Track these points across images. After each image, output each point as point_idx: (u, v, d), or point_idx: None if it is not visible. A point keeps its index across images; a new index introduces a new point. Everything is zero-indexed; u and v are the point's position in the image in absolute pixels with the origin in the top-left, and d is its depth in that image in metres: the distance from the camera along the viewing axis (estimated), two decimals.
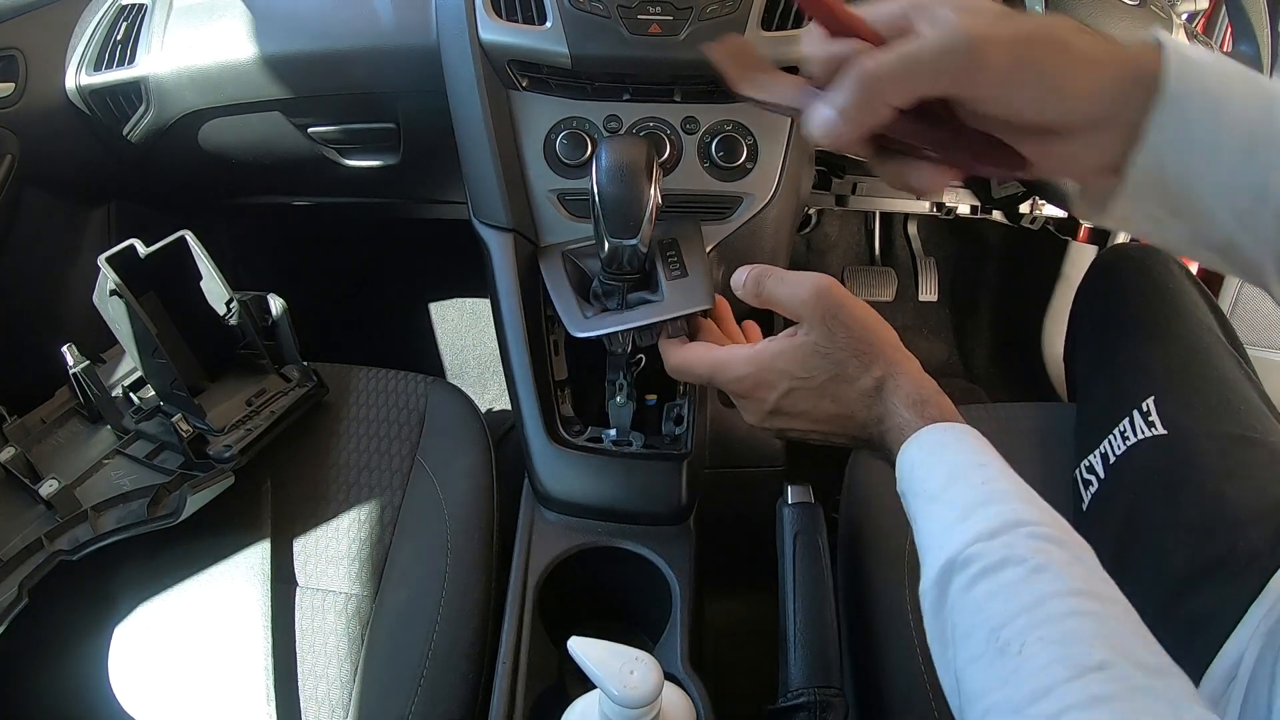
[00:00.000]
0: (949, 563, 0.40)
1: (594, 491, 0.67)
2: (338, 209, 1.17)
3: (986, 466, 0.43)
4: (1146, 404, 0.66)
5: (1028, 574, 0.37)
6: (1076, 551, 0.39)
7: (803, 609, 0.57)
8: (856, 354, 0.49)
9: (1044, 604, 0.36)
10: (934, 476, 0.44)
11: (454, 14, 0.71)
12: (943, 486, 0.43)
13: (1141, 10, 0.69)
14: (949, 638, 0.40)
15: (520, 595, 0.62)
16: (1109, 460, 0.67)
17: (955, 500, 0.42)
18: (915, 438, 0.46)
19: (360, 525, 0.72)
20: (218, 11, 0.82)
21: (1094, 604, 0.36)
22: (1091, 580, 0.38)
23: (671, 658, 0.59)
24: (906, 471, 0.46)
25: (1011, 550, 0.38)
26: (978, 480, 0.42)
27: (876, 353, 0.49)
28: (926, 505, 0.44)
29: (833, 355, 0.49)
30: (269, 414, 0.75)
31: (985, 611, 0.38)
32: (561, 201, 0.72)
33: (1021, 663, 0.35)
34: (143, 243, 0.70)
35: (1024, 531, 0.39)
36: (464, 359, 1.37)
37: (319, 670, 0.65)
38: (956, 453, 0.44)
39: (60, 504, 0.66)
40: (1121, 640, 0.35)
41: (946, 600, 0.40)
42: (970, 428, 0.46)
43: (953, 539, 0.40)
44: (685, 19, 0.67)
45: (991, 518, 0.40)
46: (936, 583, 0.40)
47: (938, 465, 0.44)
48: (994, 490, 0.42)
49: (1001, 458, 0.45)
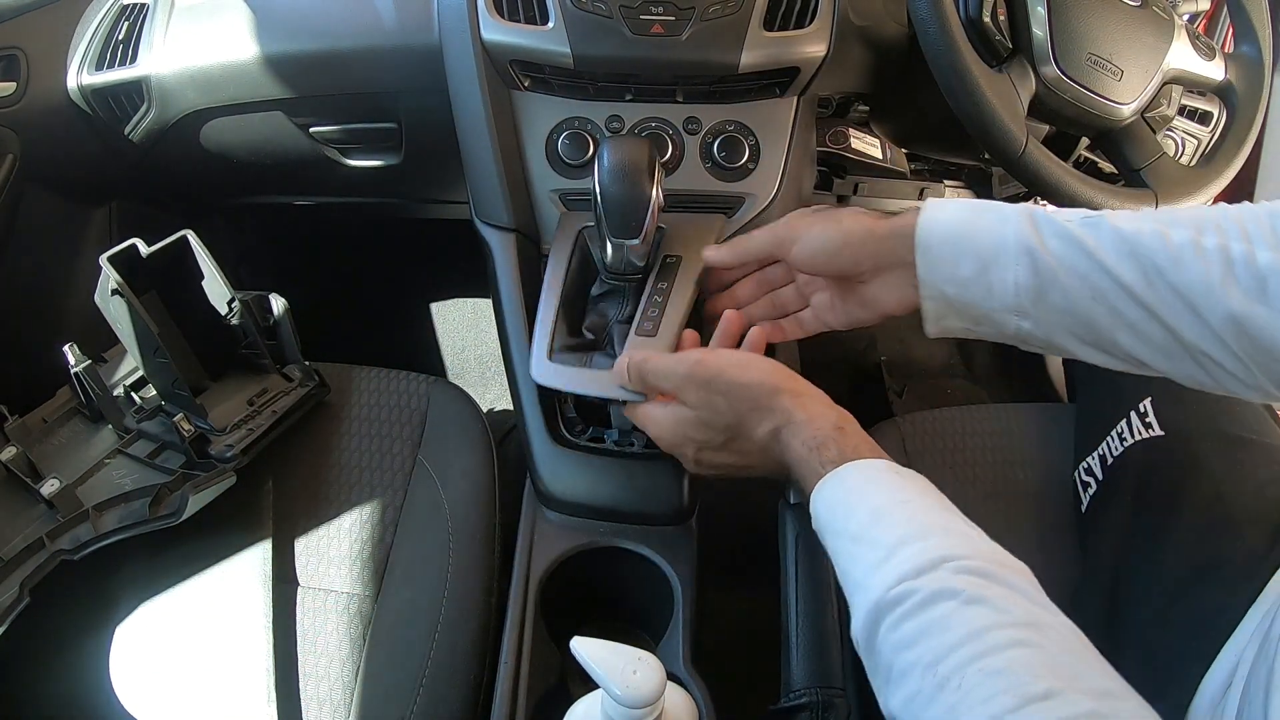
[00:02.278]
0: (876, 604, 0.40)
1: (596, 491, 0.67)
2: (339, 209, 1.17)
3: (909, 504, 0.44)
4: (1144, 405, 0.66)
5: (961, 606, 0.37)
6: (1012, 581, 0.39)
7: (805, 609, 0.57)
8: (743, 415, 0.51)
9: (982, 636, 0.36)
10: (854, 516, 0.44)
11: (456, 14, 0.71)
12: (864, 526, 0.43)
13: (1143, 10, 0.69)
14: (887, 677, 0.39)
15: (522, 595, 0.62)
16: (1107, 462, 0.67)
17: (878, 539, 0.42)
18: (831, 477, 0.46)
19: (362, 525, 0.72)
20: (219, 11, 0.82)
21: (1034, 634, 0.36)
22: (1030, 610, 0.38)
23: (674, 658, 0.59)
24: (823, 513, 0.46)
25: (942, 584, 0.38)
26: (902, 517, 0.43)
27: (764, 407, 0.50)
28: (850, 545, 0.44)
29: (721, 420, 0.51)
30: (270, 414, 0.75)
31: (920, 647, 0.37)
32: (563, 201, 0.72)
33: (963, 696, 0.35)
34: (144, 242, 0.70)
35: (950, 567, 0.39)
36: (466, 359, 1.37)
37: (320, 670, 0.65)
38: (876, 490, 0.45)
39: (62, 503, 0.66)
40: (1066, 667, 0.35)
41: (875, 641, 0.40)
42: (886, 462, 0.46)
43: (879, 579, 0.40)
44: (688, 19, 0.67)
45: (916, 554, 0.40)
46: (865, 624, 0.40)
47: (857, 505, 0.44)
48: (917, 526, 0.42)
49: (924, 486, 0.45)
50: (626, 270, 0.63)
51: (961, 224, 0.51)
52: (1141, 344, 0.48)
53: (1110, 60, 0.67)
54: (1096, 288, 0.48)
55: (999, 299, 0.50)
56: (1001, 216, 0.50)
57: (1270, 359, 0.45)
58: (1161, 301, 0.46)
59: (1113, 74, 0.67)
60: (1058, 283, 0.48)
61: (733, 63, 0.68)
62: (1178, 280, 0.46)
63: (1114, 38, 0.67)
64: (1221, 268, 0.45)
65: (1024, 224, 0.49)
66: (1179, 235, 0.47)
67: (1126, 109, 0.68)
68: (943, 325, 0.54)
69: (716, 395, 0.51)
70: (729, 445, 0.53)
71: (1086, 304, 0.48)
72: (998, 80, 0.65)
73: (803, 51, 0.69)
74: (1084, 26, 0.67)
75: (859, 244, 0.54)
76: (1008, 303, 0.50)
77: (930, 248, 0.51)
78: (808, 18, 0.70)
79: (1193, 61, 0.70)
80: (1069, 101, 0.67)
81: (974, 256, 0.50)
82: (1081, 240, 0.48)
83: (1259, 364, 0.46)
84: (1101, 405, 0.72)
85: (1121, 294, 0.47)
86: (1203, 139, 0.81)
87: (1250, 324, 0.44)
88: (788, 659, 0.56)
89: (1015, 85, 0.66)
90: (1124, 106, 0.68)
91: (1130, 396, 0.68)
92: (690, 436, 0.54)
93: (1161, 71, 0.69)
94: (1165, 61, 0.69)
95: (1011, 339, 0.52)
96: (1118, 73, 0.67)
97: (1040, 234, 0.49)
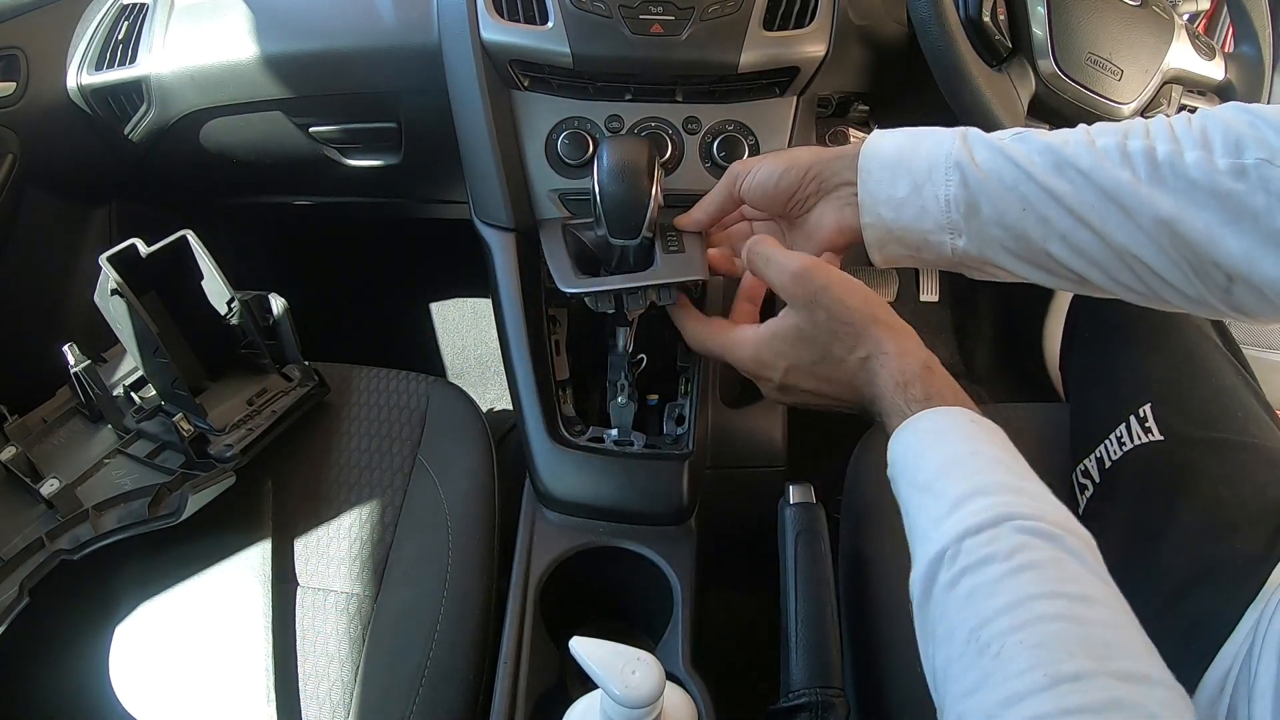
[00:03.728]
0: (935, 557, 0.39)
1: (595, 491, 0.67)
2: (339, 209, 1.17)
3: (979, 455, 0.43)
4: (1144, 410, 0.66)
5: (1011, 572, 0.37)
6: (1069, 545, 0.38)
7: (804, 609, 0.57)
8: (838, 335, 0.49)
9: (1026, 605, 0.36)
10: (925, 465, 0.43)
11: (455, 13, 0.71)
12: (933, 476, 0.43)
13: (1143, 10, 0.69)
14: (931, 633, 0.39)
15: (521, 595, 0.62)
16: (1104, 465, 0.67)
17: (945, 491, 0.41)
18: (907, 424, 0.45)
19: (361, 525, 0.72)
20: (219, 11, 0.82)
21: (1080, 607, 0.36)
22: (1080, 580, 0.37)
23: (673, 658, 0.59)
24: (898, 459, 0.45)
25: (996, 546, 0.38)
26: (970, 470, 0.42)
27: (858, 332, 0.48)
28: (918, 495, 0.43)
29: (817, 338, 0.50)
30: (270, 413, 0.75)
31: (967, 610, 0.37)
32: (563, 201, 0.72)
33: (999, 665, 0.35)
34: (144, 242, 0.70)
35: (1011, 526, 0.38)
36: (465, 359, 1.37)
37: (319, 670, 0.65)
38: (951, 440, 0.44)
39: (61, 503, 0.66)
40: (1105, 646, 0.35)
41: (931, 596, 0.40)
42: (966, 410, 0.45)
43: (940, 533, 0.40)
44: (687, 19, 0.67)
45: (980, 511, 0.39)
46: (923, 577, 0.40)
47: (928, 453, 0.44)
48: (984, 482, 0.41)
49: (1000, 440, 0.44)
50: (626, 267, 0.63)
51: (900, 148, 0.52)
52: (1073, 254, 0.48)
53: (1110, 60, 0.67)
54: (1025, 197, 0.48)
55: (932, 217, 0.50)
56: (937, 139, 0.51)
57: (1205, 263, 0.45)
58: (1088, 205, 0.47)
59: (1112, 74, 0.67)
60: (987, 193, 0.49)
61: (732, 62, 0.68)
62: (1103, 181, 0.46)
63: (1114, 37, 0.67)
64: (1147, 168, 0.45)
65: (956, 142, 0.50)
66: (1104, 140, 0.47)
67: (1126, 109, 0.68)
68: (885, 253, 0.54)
69: (819, 308, 0.49)
70: (817, 368, 0.51)
71: (1016, 214, 0.48)
72: (997, 80, 0.65)
73: (802, 51, 0.69)
74: (1084, 26, 0.67)
75: (804, 166, 0.54)
76: (940, 220, 0.50)
77: (871, 171, 0.52)
78: (807, 17, 0.70)
79: (1193, 61, 0.70)
80: (1069, 101, 0.67)
81: (909, 176, 0.51)
82: (1010, 152, 0.48)
83: (1195, 269, 0.46)
84: (1098, 408, 0.72)
85: (1050, 201, 0.47)
86: None
87: (1181, 225, 0.44)
88: (787, 659, 0.56)
89: (1015, 85, 0.66)
90: (1124, 106, 0.68)
91: (1129, 401, 0.68)
92: (783, 352, 0.51)
93: (1161, 71, 0.69)
94: (1165, 61, 0.69)
95: (951, 264, 0.52)
96: (1117, 72, 0.67)
97: (971, 149, 0.50)
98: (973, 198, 0.49)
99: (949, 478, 0.42)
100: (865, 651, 0.66)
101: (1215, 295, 0.46)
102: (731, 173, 0.58)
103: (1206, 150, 0.45)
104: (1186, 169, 0.45)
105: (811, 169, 0.55)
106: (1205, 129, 0.45)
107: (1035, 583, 0.36)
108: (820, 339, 0.49)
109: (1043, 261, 0.50)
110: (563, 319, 0.75)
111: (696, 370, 0.72)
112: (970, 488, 0.41)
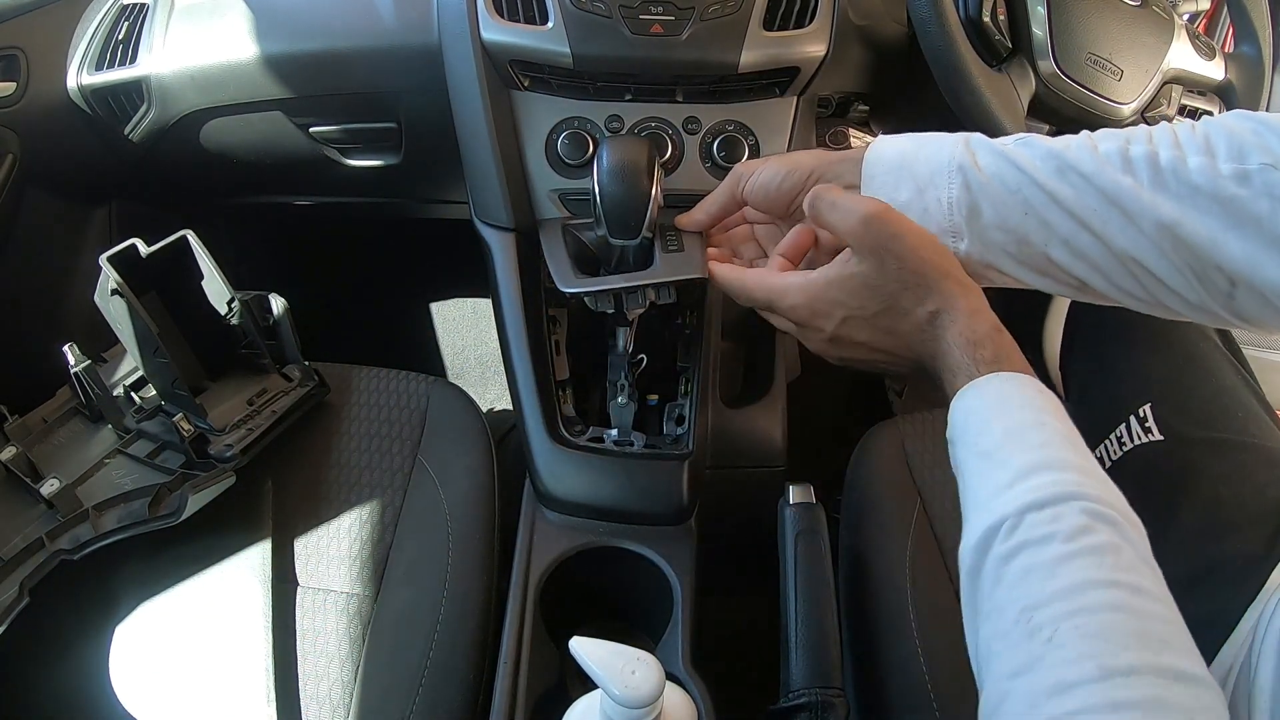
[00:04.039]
0: (992, 528, 0.38)
1: (595, 491, 0.67)
2: (339, 209, 1.17)
3: (1046, 426, 0.41)
4: (1144, 410, 0.66)
5: (1072, 555, 0.36)
6: (1128, 534, 0.37)
7: (804, 609, 0.57)
8: (908, 286, 0.46)
9: (1083, 592, 0.35)
10: (990, 431, 0.42)
11: (455, 13, 0.71)
12: (997, 444, 0.41)
13: (1143, 10, 0.69)
14: (979, 606, 0.38)
15: (521, 595, 0.62)
16: (1104, 465, 0.67)
17: (1009, 461, 0.40)
18: (973, 385, 0.43)
19: (361, 525, 0.72)
20: (219, 11, 0.82)
21: (1135, 599, 0.35)
22: (1137, 570, 0.36)
23: (673, 658, 0.59)
24: (960, 420, 0.43)
25: (1058, 525, 0.37)
26: (1036, 442, 0.40)
27: (930, 285, 0.46)
28: (978, 461, 0.41)
29: (884, 288, 0.47)
30: (270, 414, 0.75)
31: (1021, 588, 0.36)
32: (563, 201, 0.72)
33: (1050, 650, 0.34)
34: (144, 242, 0.70)
35: (1077, 506, 0.37)
36: (465, 359, 1.37)
37: (319, 670, 0.65)
38: (1017, 407, 0.42)
39: (61, 503, 0.66)
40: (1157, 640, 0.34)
41: (983, 567, 0.39)
42: (1033, 379, 0.43)
43: (1001, 503, 0.39)
44: (687, 19, 0.67)
45: (1045, 487, 0.38)
46: (976, 547, 0.39)
47: (994, 419, 0.42)
48: (1051, 456, 0.40)
49: (1064, 414, 0.42)
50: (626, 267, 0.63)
51: (905, 153, 0.51)
52: (1075, 259, 0.48)
53: (1110, 60, 0.67)
54: (1028, 201, 0.48)
55: (935, 220, 0.50)
56: (940, 144, 0.51)
57: (1208, 268, 0.44)
58: (1090, 210, 0.46)
59: (1112, 73, 0.67)
60: (989, 196, 0.48)
61: (732, 62, 0.68)
62: (1105, 185, 0.46)
63: (1114, 37, 0.67)
64: (1149, 173, 0.45)
65: (959, 146, 0.50)
66: (1107, 145, 0.47)
67: (1126, 109, 0.68)
68: None
69: (890, 256, 0.46)
70: (879, 319, 0.48)
71: (1018, 218, 0.48)
72: (997, 80, 0.65)
73: (802, 51, 0.69)
74: (1084, 26, 0.67)
75: (807, 169, 0.54)
76: (943, 224, 0.50)
77: (875, 175, 0.52)
78: (807, 17, 0.70)
79: (1193, 61, 0.70)
80: (1069, 101, 0.67)
81: (912, 180, 0.50)
82: (1013, 156, 0.48)
83: (1197, 274, 0.45)
84: (1098, 408, 0.72)
85: (1051, 205, 0.47)
86: None
87: (1183, 230, 0.44)
88: (787, 659, 0.56)
89: (1015, 85, 0.66)
90: (1124, 106, 0.68)
91: (1129, 401, 0.68)
92: (841, 301, 0.48)
93: (1161, 71, 0.69)
94: (1165, 61, 0.69)
95: None
96: (1117, 72, 0.67)
97: (974, 153, 0.49)
98: (974, 201, 0.49)
99: (1014, 447, 0.40)
100: (865, 651, 0.66)
101: (1218, 301, 0.46)
102: (735, 174, 0.58)
103: (1210, 156, 0.44)
104: (1189, 174, 0.44)
105: (815, 172, 0.54)
106: (1209, 135, 0.45)
107: (1095, 568, 0.35)
108: (888, 288, 0.46)
109: (1044, 266, 0.49)
110: (563, 319, 0.75)
111: (696, 370, 0.72)
112: (1036, 460, 0.39)
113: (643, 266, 0.60)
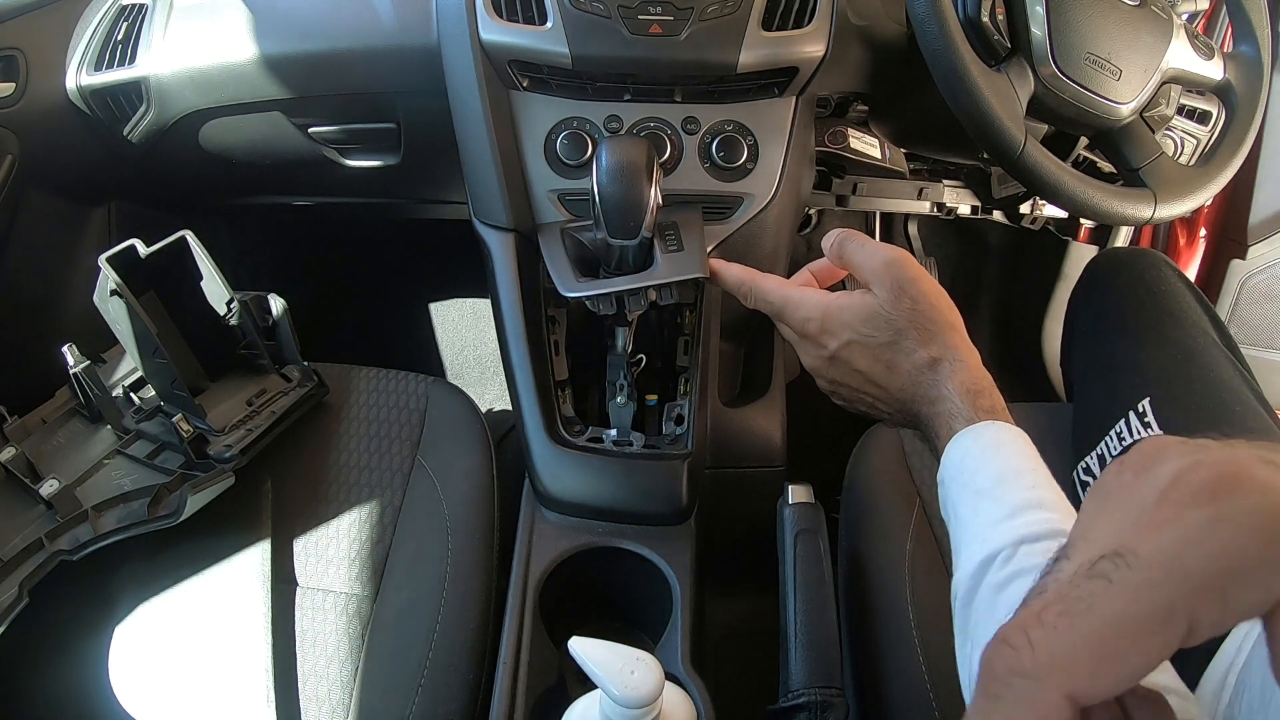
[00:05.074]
0: (987, 558, 0.40)
1: (594, 492, 0.67)
2: (338, 209, 1.17)
3: (1035, 472, 0.44)
4: (1143, 406, 0.67)
5: None
6: None
7: (803, 609, 0.57)
8: (917, 327, 0.49)
9: None
10: (985, 471, 0.44)
11: (454, 14, 0.71)
12: (992, 483, 0.43)
13: (1142, 10, 0.69)
14: (970, 632, 0.39)
15: (521, 595, 0.62)
16: (1106, 462, 0.68)
17: (1004, 498, 0.42)
18: (971, 430, 0.46)
19: (360, 525, 0.72)
20: (218, 11, 0.82)
21: None
22: None
23: (672, 658, 0.59)
24: (955, 460, 0.46)
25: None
26: (1028, 484, 0.43)
27: (937, 332, 0.49)
28: (973, 498, 0.44)
29: (895, 322, 0.49)
30: (269, 414, 0.75)
31: None
32: (562, 201, 0.72)
33: None
34: (143, 242, 0.70)
35: None
36: (464, 359, 1.37)
37: (319, 670, 0.65)
38: (1011, 453, 0.45)
39: (61, 504, 0.66)
40: None
41: (976, 596, 0.40)
42: (1023, 432, 0.46)
43: (996, 534, 0.40)
44: (686, 19, 0.67)
45: (1040, 522, 0.40)
46: (970, 576, 0.41)
47: (990, 461, 0.44)
48: (1043, 497, 0.42)
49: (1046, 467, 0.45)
50: (626, 268, 0.63)
51: None
52: None
53: (1109, 60, 0.67)
54: None
55: None
56: None
57: None
58: None
59: (1111, 73, 0.67)
60: None
61: (731, 62, 0.68)
62: None
63: (1113, 37, 0.67)
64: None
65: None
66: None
67: (1125, 108, 0.68)
68: None
69: (905, 296, 0.49)
70: (881, 351, 0.50)
71: None
72: (996, 80, 0.65)
73: (801, 51, 0.69)
74: (1082, 26, 0.67)
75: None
76: None
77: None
78: (806, 17, 0.70)
79: (1191, 61, 0.70)
80: (1067, 101, 0.67)
81: None
82: None
83: None
84: (1099, 405, 0.72)
85: None
86: (1202, 138, 0.81)
87: None
88: (786, 659, 0.56)
89: (1014, 85, 0.66)
90: (1123, 106, 0.68)
91: (1129, 397, 0.68)
92: (851, 324, 0.51)
93: (1160, 71, 0.69)
94: (1164, 61, 0.69)
95: None
96: (1116, 72, 0.67)
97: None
98: None
99: (1009, 486, 0.43)
100: (865, 651, 0.66)
101: None
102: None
103: None
104: None
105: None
106: None
107: None
108: (898, 324, 0.49)
109: None
110: (562, 319, 0.75)
111: (696, 370, 0.72)
112: (1030, 499, 0.42)
113: (643, 267, 0.60)
